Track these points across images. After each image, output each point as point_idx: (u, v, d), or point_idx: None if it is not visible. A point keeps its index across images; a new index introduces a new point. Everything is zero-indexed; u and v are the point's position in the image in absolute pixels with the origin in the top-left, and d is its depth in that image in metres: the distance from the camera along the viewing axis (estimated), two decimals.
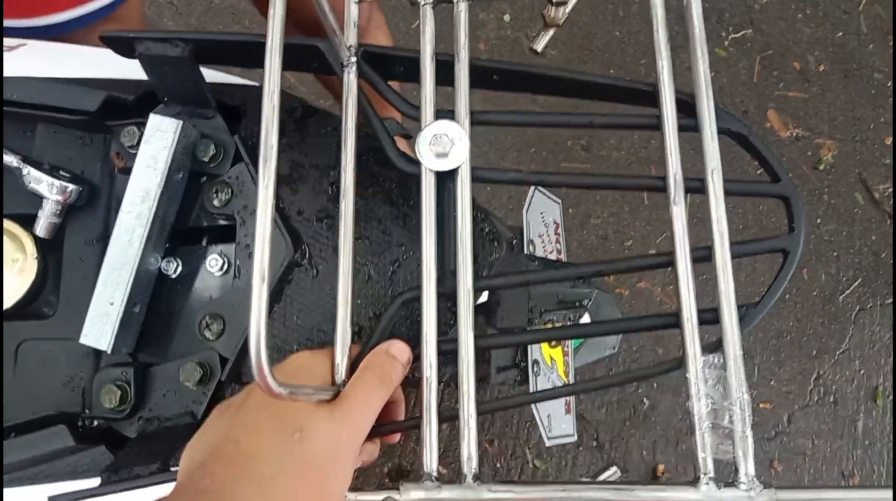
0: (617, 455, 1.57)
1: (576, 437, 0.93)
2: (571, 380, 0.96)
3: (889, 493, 0.45)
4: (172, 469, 0.54)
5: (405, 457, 1.45)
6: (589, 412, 1.59)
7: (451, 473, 1.24)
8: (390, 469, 1.44)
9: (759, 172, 0.53)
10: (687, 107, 0.51)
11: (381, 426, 0.51)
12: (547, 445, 0.86)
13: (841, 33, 1.98)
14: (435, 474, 0.46)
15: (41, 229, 0.61)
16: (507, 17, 1.85)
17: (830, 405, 1.70)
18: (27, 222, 0.62)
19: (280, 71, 0.40)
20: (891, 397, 1.73)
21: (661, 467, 1.57)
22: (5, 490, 0.59)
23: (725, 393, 0.46)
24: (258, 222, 0.37)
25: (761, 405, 1.65)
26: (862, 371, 1.74)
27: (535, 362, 0.89)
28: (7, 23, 0.85)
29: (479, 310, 0.69)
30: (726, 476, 0.46)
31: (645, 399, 1.61)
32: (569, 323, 0.86)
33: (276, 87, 0.39)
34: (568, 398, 0.95)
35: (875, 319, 1.78)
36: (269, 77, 0.39)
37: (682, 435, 1.60)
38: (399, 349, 0.50)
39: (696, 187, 0.50)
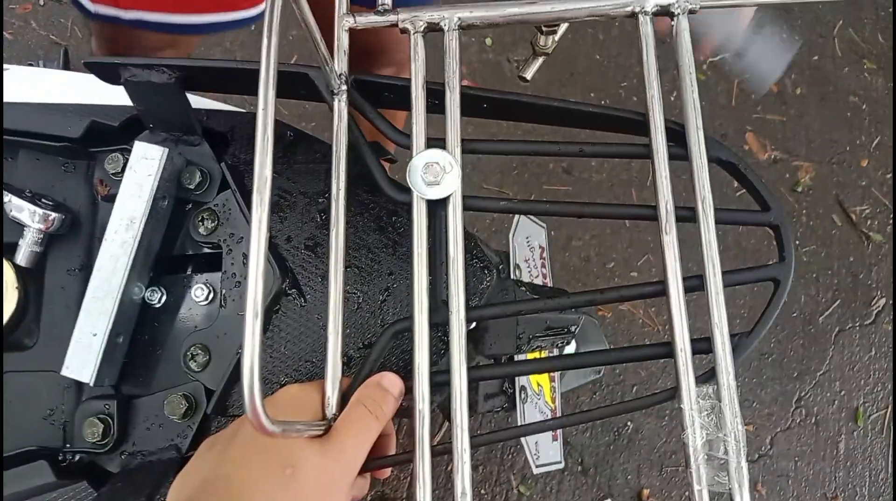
0: (602, 479, 1.57)
1: (563, 464, 0.92)
2: (558, 405, 0.96)
3: None
4: None
5: (388, 484, 1.44)
6: (573, 437, 1.58)
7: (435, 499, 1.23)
8: (374, 497, 1.43)
9: (738, 194, 0.53)
10: (676, 135, 0.51)
11: (373, 461, 0.50)
12: (534, 473, 0.86)
13: (816, 57, 2.02)
14: None
15: (22, 257, 0.60)
16: (488, 41, 1.86)
17: (812, 426, 1.71)
18: (8, 250, 0.60)
19: (274, 100, 0.39)
20: (872, 417, 1.74)
21: (646, 492, 1.57)
22: None
23: (720, 424, 0.46)
24: (251, 257, 0.36)
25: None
26: (842, 392, 1.75)
27: (523, 388, 0.88)
28: (210, 17, 0.89)
29: (467, 337, 0.69)
30: None
31: (629, 423, 1.61)
32: (556, 349, 0.85)
33: (270, 118, 0.39)
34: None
35: (854, 339, 1.80)
36: (263, 107, 0.38)
37: (667, 459, 1.60)
38: (391, 382, 0.49)
39: (686, 216, 0.50)
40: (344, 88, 0.53)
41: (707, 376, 0.47)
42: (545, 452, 0.91)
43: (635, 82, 1.83)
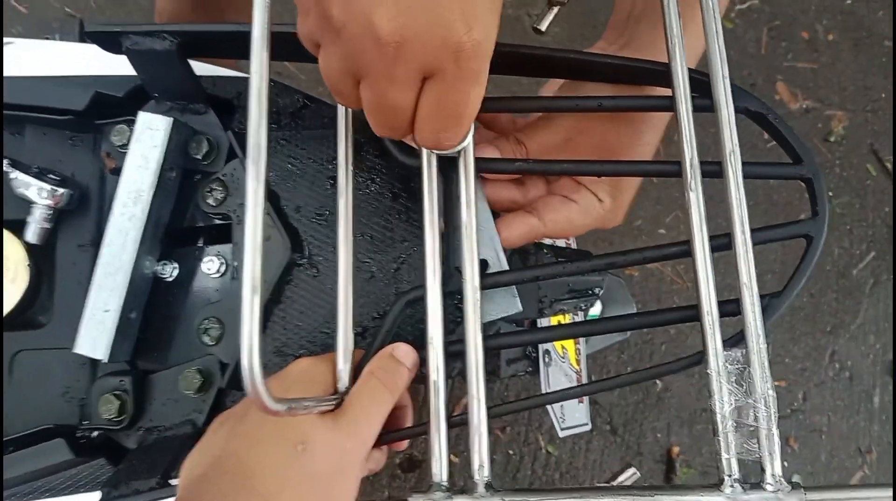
0: (631, 438, 1.55)
1: (590, 426, 0.91)
2: (583, 368, 0.94)
3: None
4: (173, 482, 0.52)
5: (417, 447, 1.44)
6: (601, 396, 1.57)
7: (462, 461, 1.23)
8: (402, 459, 1.43)
9: (769, 146, 0.50)
10: (702, 86, 0.48)
11: (388, 434, 0.48)
12: (560, 436, 0.84)
13: (849, 1, 1.94)
14: (445, 483, 0.44)
15: (32, 234, 0.59)
16: None
17: (846, 380, 1.68)
18: (17, 227, 0.59)
19: (268, 64, 0.37)
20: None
21: (675, 449, 1.55)
22: None
23: (749, 389, 0.44)
24: (247, 230, 0.34)
25: (776, 383, 1.62)
26: (877, 345, 1.71)
27: (547, 352, 0.86)
28: None
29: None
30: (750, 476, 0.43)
31: (658, 381, 1.59)
32: (580, 312, 0.83)
33: (264, 82, 0.37)
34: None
35: (890, 292, 1.75)
36: (256, 72, 0.36)
37: (697, 416, 1.58)
38: (404, 353, 0.48)
39: (713, 171, 0.47)
40: None
41: (736, 339, 0.45)
42: (571, 415, 0.89)
43: None
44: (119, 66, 0.61)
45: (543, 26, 0.57)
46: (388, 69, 0.37)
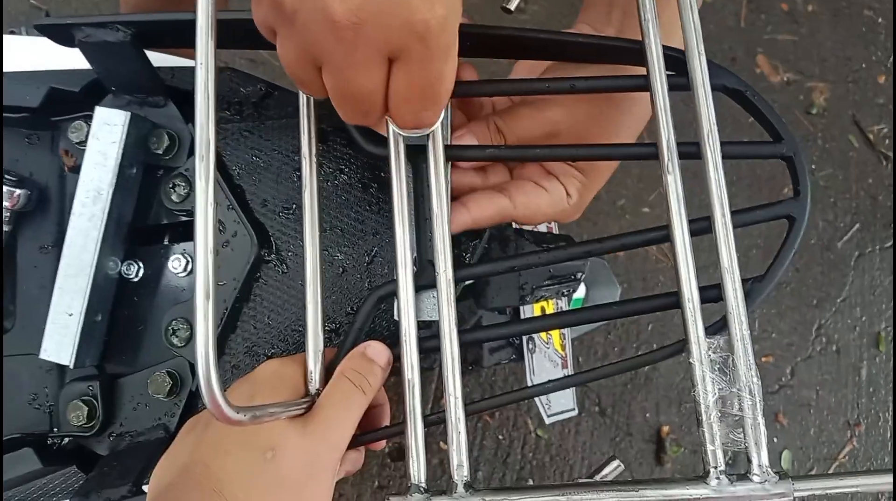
0: (620, 419, 1.55)
1: (577, 411, 0.90)
2: (569, 353, 0.93)
3: None
4: (145, 488, 0.50)
5: (405, 445, 1.43)
6: None
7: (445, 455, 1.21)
8: (391, 449, 1.42)
9: (751, 122, 0.48)
10: (677, 63, 0.46)
11: (363, 435, 0.47)
12: (547, 423, 0.83)
13: None
14: (423, 485, 0.43)
15: None
16: None
17: (833, 354, 1.68)
18: None
19: (214, 53, 0.35)
20: (892, 344, 1.70)
21: (665, 428, 1.55)
22: None
23: (733, 378, 0.42)
24: (198, 234, 0.32)
25: (763, 359, 1.62)
26: (864, 318, 1.71)
27: (531, 339, 0.85)
28: None
29: (467, 291, 0.65)
30: (737, 466, 0.42)
31: None
32: (563, 297, 0.82)
33: (210, 72, 0.34)
34: (565, 370, 0.92)
35: (875, 263, 1.75)
36: (201, 63, 0.34)
37: (685, 395, 1.58)
38: (376, 351, 0.46)
39: (690, 152, 0.45)
40: None
41: (718, 326, 0.44)
42: (557, 401, 0.88)
43: None
44: (75, 59, 0.58)
45: (512, 5, 0.55)
46: (349, 54, 0.35)
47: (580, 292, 1.06)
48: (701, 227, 0.45)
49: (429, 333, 0.46)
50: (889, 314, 1.72)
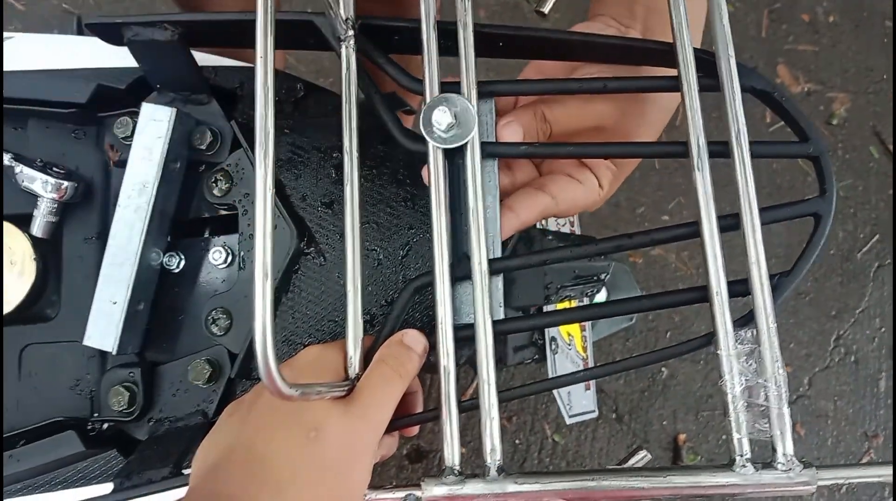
0: (637, 426, 1.56)
1: (597, 412, 0.91)
2: (590, 355, 0.94)
3: None
4: (185, 471, 0.52)
5: (424, 437, 1.44)
6: (607, 384, 1.57)
7: (469, 451, 1.23)
8: (409, 450, 1.43)
9: (771, 130, 0.50)
10: (706, 65, 0.48)
11: (399, 419, 0.48)
12: (567, 423, 0.84)
13: None
14: (457, 468, 0.44)
15: (38, 228, 0.59)
16: None
17: (852, 365, 1.68)
18: (23, 222, 0.59)
19: (273, 51, 0.37)
20: (892, 347, 1.69)
21: (682, 436, 1.55)
22: (18, 500, 0.57)
23: (759, 369, 0.44)
24: (257, 215, 0.34)
25: None
26: (882, 329, 1.71)
27: (553, 339, 0.86)
28: None
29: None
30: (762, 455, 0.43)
31: (663, 368, 1.59)
32: (586, 298, 0.83)
33: (269, 68, 0.36)
34: None
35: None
36: (261, 58, 0.36)
37: (703, 403, 1.59)
38: (414, 339, 0.48)
39: (719, 151, 0.47)
40: (350, 33, 0.51)
41: (745, 319, 0.45)
42: (578, 402, 0.89)
43: None
44: (119, 58, 0.61)
45: (546, 9, 0.57)
46: None
47: (601, 296, 1.07)
48: (729, 223, 0.46)
49: (464, 323, 0.48)
50: None
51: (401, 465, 1.43)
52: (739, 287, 0.45)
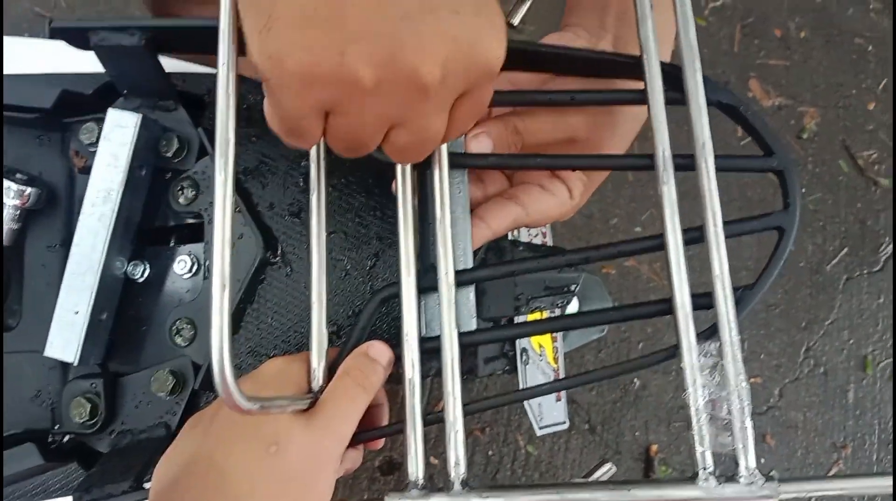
0: (609, 436, 1.56)
1: (567, 424, 0.91)
2: (561, 366, 0.94)
3: (889, 480, 0.43)
4: (146, 485, 0.51)
5: (396, 449, 1.43)
6: (579, 395, 1.57)
7: (442, 462, 1.22)
8: (381, 462, 1.42)
9: (742, 143, 0.50)
10: (673, 79, 0.48)
11: (363, 433, 0.48)
12: (538, 434, 0.84)
13: None
14: (421, 482, 0.44)
15: None
16: None
17: (821, 376, 1.70)
18: None
19: (235, 58, 0.37)
20: (881, 365, 1.72)
21: (654, 447, 1.56)
22: None
23: (723, 382, 0.44)
24: (216, 224, 0.34)
25: (752, 381, 1.64)
26: (851, 341, 1.73)
27: (524, 350, 0.86)
28: None
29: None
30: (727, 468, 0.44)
31: (636, 379, 1.59)
32: (557, 309, 0.83)
33: (231, 76, 0.36)
34: None
35: (863, 287, 1.77)
36: (223, 65, 0.36)
37: (675, 414, 1.59)
38: (378, 351, 0.48)
39: (685, 165, 0.47)
40: None
41: (709, 332, 0.45)
42: (549, 413, 0.89)
43: None
44: (87, 63, 0.60)
45: (516, 20, 0.57)
46: (434, 107, 0.37)
47: (573, 306, 1.07)
48: (693, 236, 0.46)
49: (430, 334, 0.48)
50: (876, 338, 1.75)
51: (372, 477, 1.42)
52: (703, 300, 0.46)
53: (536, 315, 0.86)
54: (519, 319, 0.84)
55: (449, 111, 0.38)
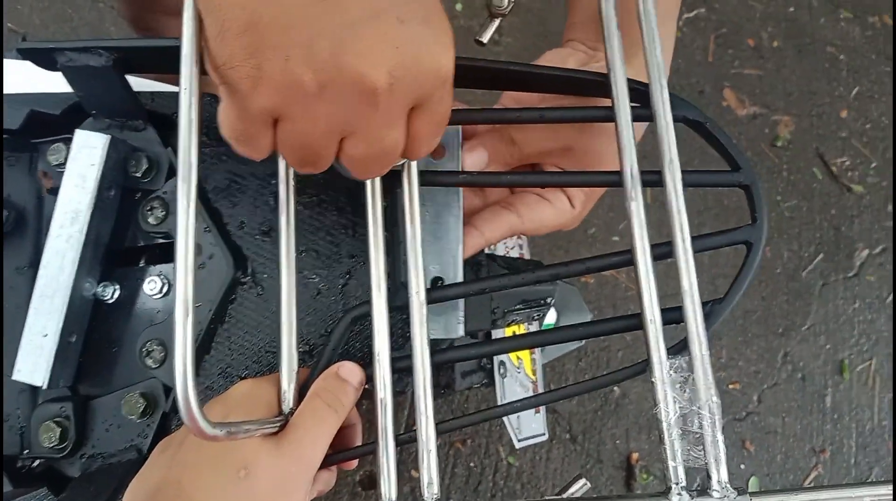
0: (591, 445, 1.56)
1: (546, 436, 0.91)
2: (539, 378, 0.94)
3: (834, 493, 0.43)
4: None
5: (376, 464, 1.42)
6: (560, 405, 1.58)
7: (417, 483, 1.21)
8: (362, 477, 1.41)
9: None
10: (641, 95, 0.49)
11: (336, 454, 0.48)
12: (517, 447, 0.84)
13: (792, 8, 1.99)
14: None
15: None
16: (458, 6, 1.82)
17: (799, 381, 1.71)
18: None
19: (198, 79, 0.36)
20: (858, 369, 1.74)
21: (635, 455, 1.56)
22: None
23: (693, 397, 0.44)
24: (178, 248, 0.33)
25: (730, 386, 1.65)
26: (828, 346, 1.75)
27: (502, 363, 0.86)
28: None
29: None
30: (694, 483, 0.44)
31: (616, 388, 1.60)
32: (535, 322, 0.83)
33: (194, 98, 0.36)
34: None
35: (838, 292, 1.79)
36: (185, 89, 0.36)
37: (655, 422, 1.59)
38: (349, 371, 0.47)
39: (653, 181, 0.47)
40: None
41: (679, 347, 0.46)
42: (527, 425, 0.89)
43: None
44: (58, 82, 0.59)
45: (485, 38, 0.57)
46: (386, 116, 0.36)
47: (551, 317, 1.07)
48: (662, 252, 0.47)
49: (401, 353, 0.48)
50: (852, 342, 1.76)
51: (353, 492, 1.41)
52: (673, 314, 0.46)
53: (514, 328, 0.86)
54: (496, 332, 0.85)
55: (406, 125, 0.38)
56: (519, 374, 0.89)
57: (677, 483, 0.43)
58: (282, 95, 0.34)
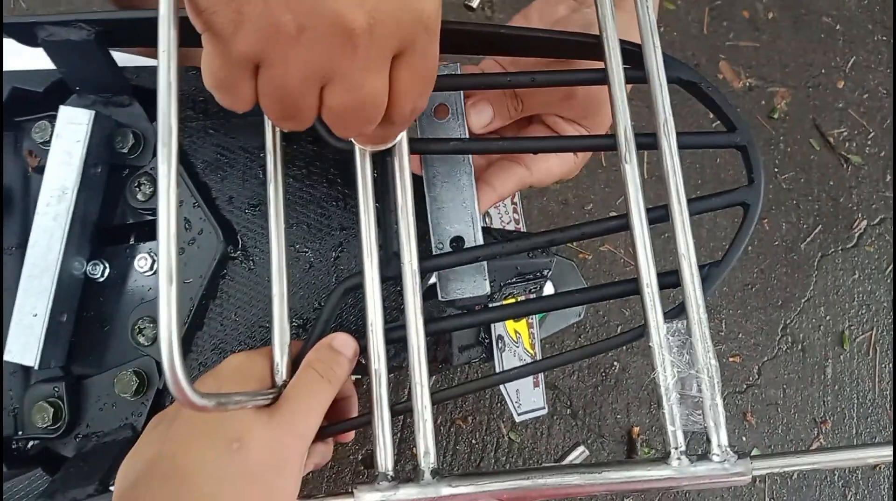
0: (591, 420, 1.56)
1: (546, 410, 0.91)
2: (538, 352, 0.94)
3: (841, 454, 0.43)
4: (112, 488, 0.50)
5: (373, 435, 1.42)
6: (560, 381, 1.57)
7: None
8: (364, 455, 1.41)
9: (715, 125, 0.50)
10: (634, 57, 0.48)
11: (330, 427, 0.47)
12: (517, 421, 0.84)
13: None
14: (391, 473, 0.43)
15: None
16: None
17: (799, 353, 1.71)
18: None
19: (177, 48, 0.35)
20: (857, 340, 1.74)
21: (636, 429, 1.56)
22: None
23: (692, 360, 0.43)
24: (160, 218, 0.33)
25: (731, 359, 1.65)
26: (827, 317, 1.75)
27: (500, 337, 0.86)
28: None
29: (435, 289, 0.66)
30: (699, 446, 0.43)
31: (615, 362, 1.60)
32: (531, 295, 0.83)
33: (172, 62, 0.35)
34: None
35: (838, 264, 1.79)
36: (164, 52, 0.35)
37: (655, 396, 1.60)
38: (342, 342, 0.47)
39: (648, 143, 0.47)
40: None
41: (677, 311, 0.45)
42: (527, 399, 0.89)
43: None
44: (42, 60, 0.58)
45: (474, 3, 0.56)
46: (366, 60, 0.35)
47: (548, 290, 1.07)
48: (658, 215, 0.46)
49: (395, 324, 0.47)
50: (852, 313, 1.76)
51: (356, 470, 1.42)
52: (670, 279, 0.45)
53: (510, 301, 0.85)
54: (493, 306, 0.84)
55: (387, 74, 0.37)
56: (518, 348, 0.88)
57: (677, 448, 0.42)
58: (261, 38, 0.33)
